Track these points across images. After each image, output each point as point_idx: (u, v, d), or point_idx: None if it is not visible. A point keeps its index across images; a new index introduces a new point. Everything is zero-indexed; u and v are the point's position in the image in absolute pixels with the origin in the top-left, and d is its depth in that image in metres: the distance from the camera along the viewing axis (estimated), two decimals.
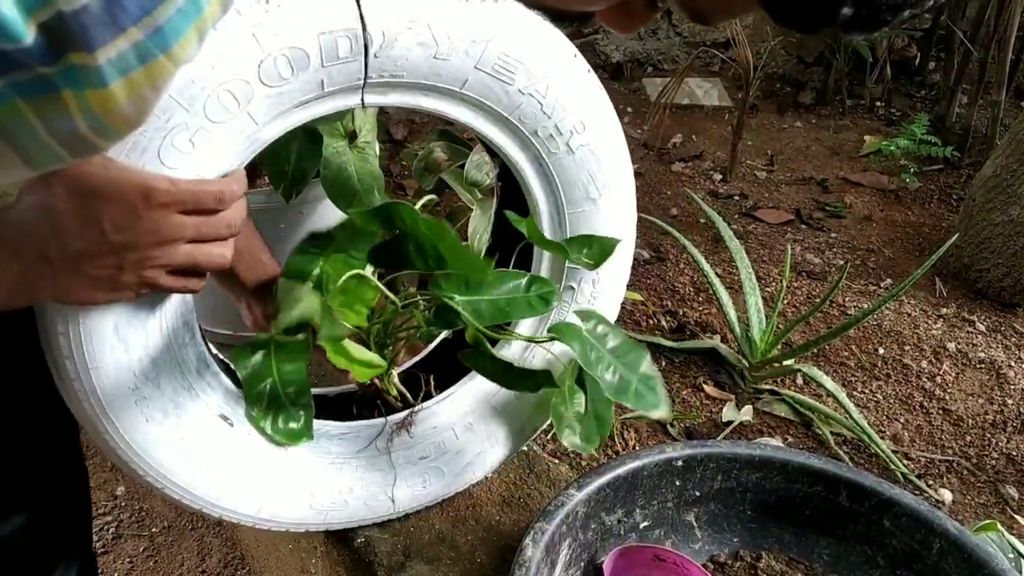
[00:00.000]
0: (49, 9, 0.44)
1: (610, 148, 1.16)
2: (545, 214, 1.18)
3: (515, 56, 1.03)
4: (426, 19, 0.96)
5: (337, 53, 0.92)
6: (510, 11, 1.03)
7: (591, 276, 1.23)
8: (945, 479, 1.62)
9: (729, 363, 1.82)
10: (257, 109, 0.91)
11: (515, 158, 1.13)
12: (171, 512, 1.77)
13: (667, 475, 1.18)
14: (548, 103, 1.08)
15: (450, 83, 1.02)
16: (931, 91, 3.37)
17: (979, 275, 2.12)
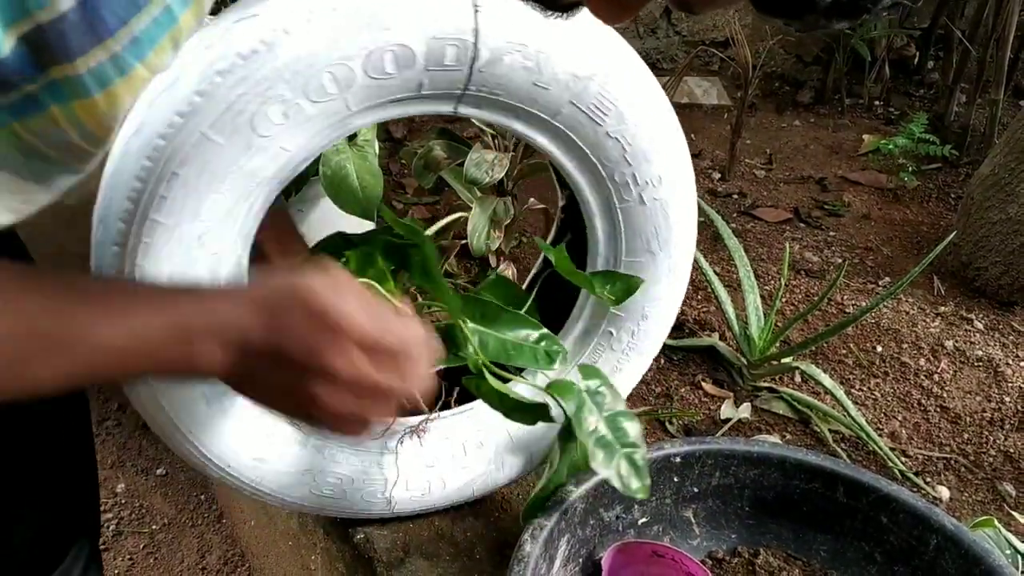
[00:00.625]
0: (28, 21, 0.45)
1: (681, 207, 1.17)
2: (601, 256, 1.20)
3: (611, 98, 1.04)
4: (536, 45, 0.97)
5: (443, 60, 0.94)
6: (617, 53, 1.04)
7: (631, 326, 1.24)
8: (943, 476, 1.62)
9: (728, 361, 1.82)
10: (354, 97, 0.92)
11: (587, 197, 1.14)
12: (171, 509, 1.77)
13: (665, 471, 1.19)
14: (632, 151, 1.09)
15: (544, 111, 1.03)
16: (930, 90, 3.38)
17: (977, 273, 2.13)
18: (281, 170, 0.93)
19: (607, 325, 1.25)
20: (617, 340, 1.26)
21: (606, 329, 1.25)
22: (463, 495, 1.25)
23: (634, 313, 1.24)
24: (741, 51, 2.66)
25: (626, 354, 1.28)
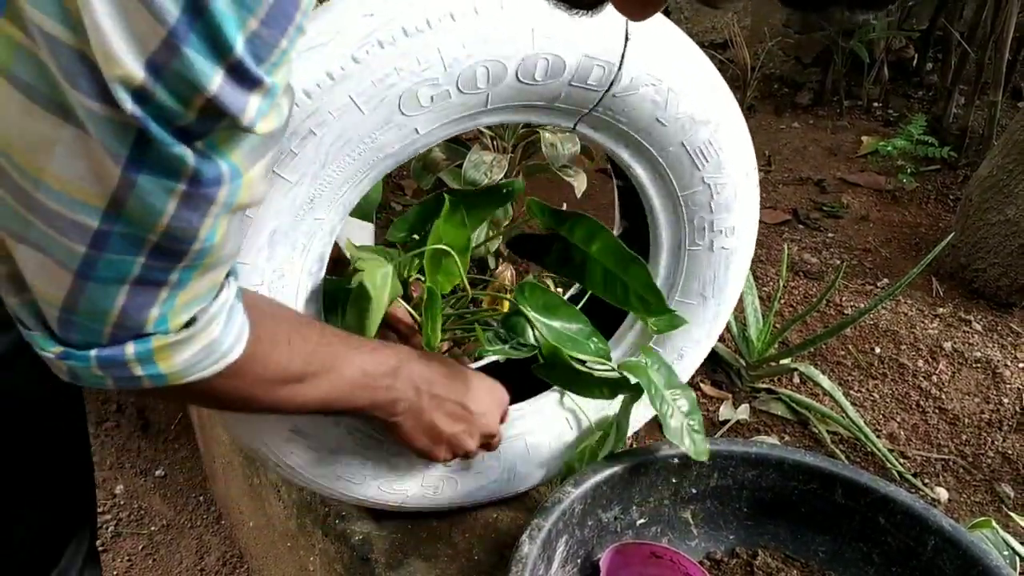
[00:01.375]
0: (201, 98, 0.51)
1: (742, 260, 1.21)
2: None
3: (717, 147, 1.08)
4: (669, 83, 1.00)
5: (588, 78, 0.97)
6: (729, 105, 1.09)
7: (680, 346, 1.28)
8: (941, 477, 1.62)
9: (726, 362, 1.82)
10: (497, 95, 0.94)
11: (661, 235, 1.19)
12: (170, 511, 1.77)
13: (664, 472, 1.19)
14: (718, 200, 1.13)
15: (654, 146, 1.07)
16: (928, 92, 3.38)
17: (975, 275, 2.13)
18: (405, 150, 0.94)
19: None
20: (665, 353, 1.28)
21: None
22: (472, 499, 1.26)
23: (672, 352, 1.26)
24: (740, 53, 2.67)
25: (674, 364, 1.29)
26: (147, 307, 0.60)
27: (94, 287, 0.57)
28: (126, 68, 0.47)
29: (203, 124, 0.52)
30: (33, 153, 0.51)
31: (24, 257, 0.57)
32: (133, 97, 0.48)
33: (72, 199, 0.52)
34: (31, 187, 0.52)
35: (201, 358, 0.66)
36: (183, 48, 0.48)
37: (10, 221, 0.55)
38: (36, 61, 0.48)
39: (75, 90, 0.47)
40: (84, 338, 0.61)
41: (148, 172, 0.51)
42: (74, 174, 0.51)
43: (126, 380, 0.65)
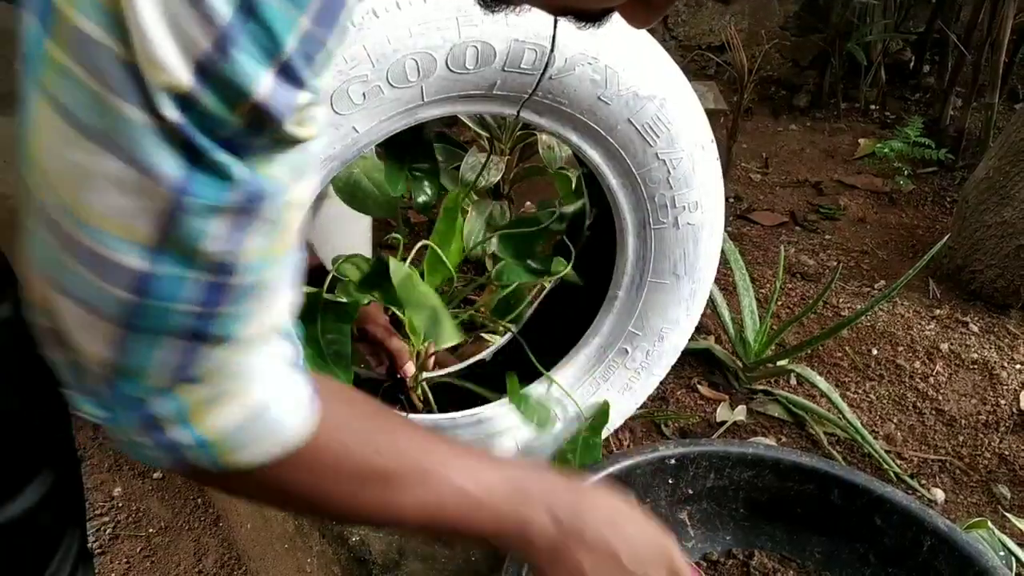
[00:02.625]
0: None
1: (711, 235, 1.21)
2: (628, 275, 1.22)
3: (665, 121, 1.08)
4: (606, 60, 1.00)
5: (520, 62, 0.97)
6: (675, 79, 1.07)
7: (647, 346, 1.28)
8: (938, 479, 1.63)
9: (723, 364, 1.83)
10: (431, 87, 0.94)
11: (624, 216, 1.18)
12: (168, 512, 1.77)
13: (660, 473, 1.19)
14: (675, 175, 1.13)
15: (601, 126, 1.06)
16: (925, 94, 3.39)
17: (972, 276, 2.13)
18: (347, 150, 0.95)
19: (623, 342, 1.27)
20: (631, 359, 1.28)
21: (622, 347, 1.27)
22: None
23: (651, 334, 1.26)
24: (737, 55, 2.67)
25: (638, 373, 1.30)
26: (191, 362, 0.58)
27: (137, 340, 0.55)
28: (173, 74, 0.46)
29: (248, 133, 0.50)
30: (77, 189, 0.49)
31: (65, 309, 0.55)
32: (178, 104, 0.47)
33: (116, 238, 0.50)
34: (74, 228, 0.50)
35: (249, 426, 0.62)
36: (233, 50, 0.46)
37: (52, 267, 0.53)
38: (80, 84, 0.46)
39: (121, 99, 0.46)
40: (127, 400, 0.59)
41: (196, 189, 0.50)
42: (119, 210, 0.50)
43: (170, 447, 0.61)
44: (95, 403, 0.60)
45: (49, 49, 0.46)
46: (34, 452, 0.98)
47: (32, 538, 0.99)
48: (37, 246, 0.53)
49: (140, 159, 0.48)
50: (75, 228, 0.50)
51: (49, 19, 0.45)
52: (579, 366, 1.28)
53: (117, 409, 0.60)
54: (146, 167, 0.48)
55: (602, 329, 1.27)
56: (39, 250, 0.53)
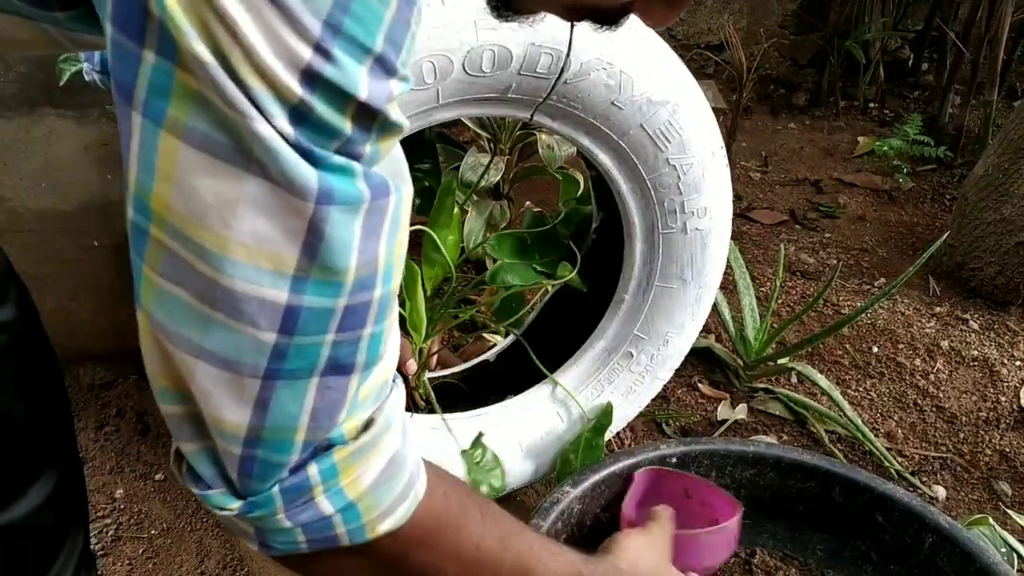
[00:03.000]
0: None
1: (718, 240, 1.21)
2: (635, 279, 1.23)
3: (677, 127, 1.09)
4: (621, 66, 1.01)
5: (536, 66, 0.97)
6: (688, 86, 1.08)
7: (652, 350, 1.28)
8: (939, 476, 1.63)
9: (724, 362, 1.83)
10: (447, 89, 0.94)
11: (633, 220, 1.18)
12: (170, 514, 1.77)
13: None
14: (685, 181, 1.14)
15: (613, 130, 1.07)
16: (924, 92, 3.39)
17: (972, 274, 2.13)
18: None
19: (628, 346, 1.27)
20: (636, 362, 1.28)
21: (627, 350, 1.27)
22: None
23: (656, 338, 1.27)
24: (736, 54, 2.67)
25: (642, 377, 1.30)
26: (337, 406, 0.56)
27: (283, 390, 0.53)
28: (285, 86, 0.46)
29: (358, 136, 0.50)
30: (216, 222, 0.48)
31: (202, 376, 0.52)
32: (293, 117, 0.47)
33: (260, 269, 0.49)
34: (214, 271, 0.49)
35: (389, 479, 0.60)
36: (334, 53, 0.46)
37: (188, 327, 0.51)
38: (211, 107, 0.46)
39: (253, 120, 0.46)
40: (266, 474, 0.56)
41: (332, 192, 0.49)
42: (262, 235, 0.49)
43: (317, 529, 0.59)
44: (230, 494, 0.58)
45: (179, 78, 0.45)
46: (36, 454, 0.98)
47: (35, 540, 0.99)
48: (166, 310, 0.51)
49: (278, 172, 0.47)
50: (215, 269, 0.49)
51: (171, 48, 0.45)
52: (583, 369, 1.28)
53: (257, 490, 0.57)
54: (286, 180, 0.47)
55: (607, 332, 1.27)
56: (169, 314, 0.51)
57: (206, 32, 0.44)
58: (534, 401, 1.27)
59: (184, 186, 0.47)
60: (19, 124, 1.79)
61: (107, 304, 2.19)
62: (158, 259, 0.50)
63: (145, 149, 0.47)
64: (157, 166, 0.47)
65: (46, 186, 1.93)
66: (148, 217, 0.49)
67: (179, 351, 0.52)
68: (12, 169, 1.82)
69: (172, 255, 0.49)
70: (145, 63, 0.46)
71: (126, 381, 1.98)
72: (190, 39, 0.44)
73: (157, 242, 0.50)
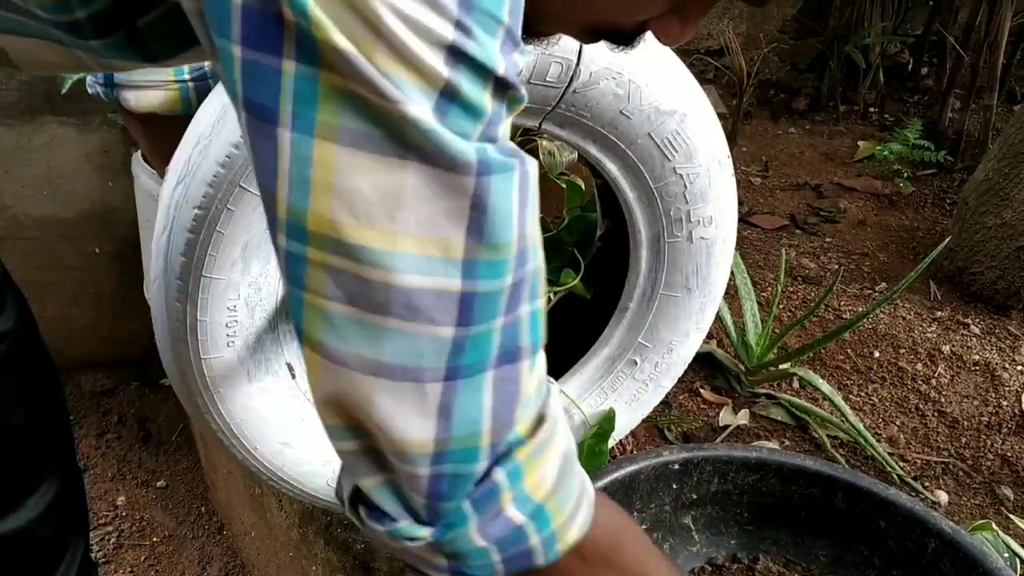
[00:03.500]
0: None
1: (723, 249, 1.22)
2: (639, 288, 1.23)
3: (685, 137, 1.09)
4: (630, 75, 1.01)
5: (546, 75, 0.97)
6: (695, 95, 1.08)
7: (656, 358, 1.29)
8: (941, 481, 1.63)
9: (725, 367, 1.83)
10: None
11: (639, 228, 1.19)
12: (172, 521, 1.78)
13: (664, 478, 1.19)
14: (692, 190, 1.14)
15: (621, 139, 1.07)
16: (924, 96, 3.39)
17: (973, 278, 2.13)
18: None
19: (632, 354, 1.27)
20: (640, 370, 1.28)
21: (631, 358, 1.27)
22: None
23: (660, 346, 1.27)
24: (736, 59, 2.68)
25: (646, 385, 1.30)
26: (513, 400, 0.55)
27: (464, 391, 0.52)
28: (433, 72, 0.46)
29: (495, 114, 0.50)
30: (382, 218, 0.48)
31: (383, 397, 0.51)
32: (439, 101, 0.47)
33: (431, 259, 0.49)
34: (384, 272, 0.48)
35: (565, 475, 0.59)
36: (473, 30, 0.46)
37: (363, 345, 0.50)
38: (359, 102, 0.46)
39: (405, 104, 0.46)
40: (457, 489, 0.55)
41: (489, 162, 0.49)
42: (428, 222, 0.48)
43: (512, 544, 0.57)
44: (417, 522, 0.57)
45: (324, 79, 0.45)
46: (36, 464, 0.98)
47: (35, 549, 1.00)
48: (338, 334, 0.51)
49: (436, 152, 0.47)
50: (386, 270, 0.49)
51: (312, 50, 0.45)
52: (587, 376, 1.28)
53: (447, 511, 0.56)
54: (446, 159, 0.47)
55: (611, 340, 1.28)
56: (341, 337, 0.51)
57: (346, 25, 0.44)
58: None
59: (344, 191, 0.47)
60: (21, 132, 1.80)
61: (108, 311, 2.19)
62: (322, 282, 0.49)
63: (297, 165, 0.47)
64: (313, 179, 0.47)
65: (47, 193, 1.94)
66: (305, 241, 0.48)
67: (356, 375, 0.51)
68: (14, 176, 1.83)
69: (336, 273, 0.49)
70: (286, 75, 0.45)
71: (127, 388, 1.99)
72: (331, 33, 0.44)
73: (318, 265, 0.49)
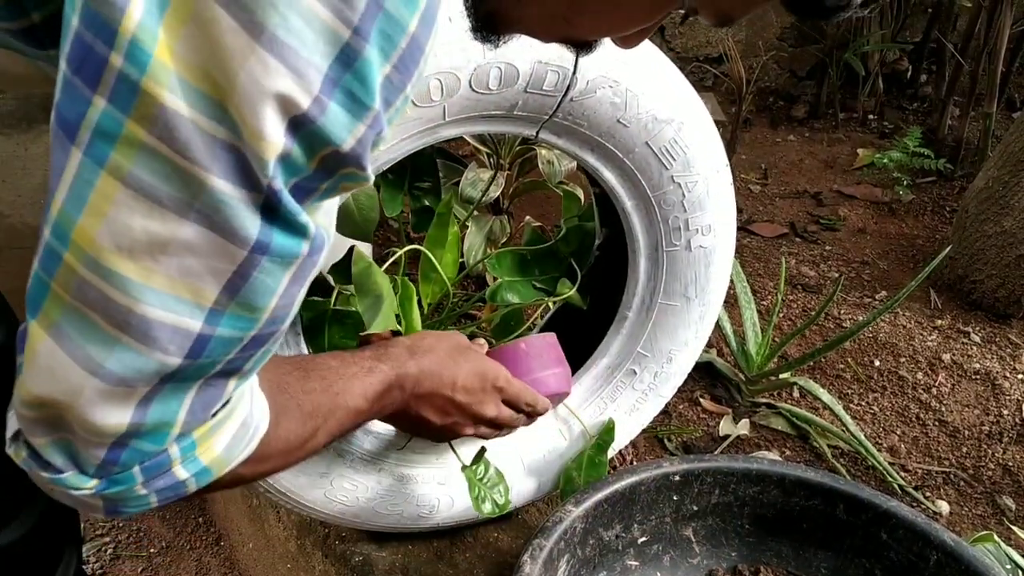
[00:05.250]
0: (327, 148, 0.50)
1: (722, 257, 1.21)
2: (638, 296, 1.22)
3: (683, 145, 1.08)
4: (627, 84, 1.01)
5: (543, 84, 0.97)
6: (693, 103, 1.08)
7: (655, 367, 1.28)
8: (942, 490, 1.62)
9: (726, 377, 1.82)
10: (453, 106, 0.94)
11: (637, 237, 1.18)
12: (169, 532, 1.77)
13: (665, 490, 1.19)
14: (690, 198, 1.13)
15: (619, 148, 1.07)
16: (923, 103, 3.39)
17: (973, 286, 2.13)
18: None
19: (632, 363, 1.26)
20: (639, 380, 1.28)
21: (630, 367, 1.27)
22: (468, 516, 1.25)
23: (660, 355, 1.26)
24: (735, 67, 2.68)
25: (645, 395, 1.29)
26: (215, 401, 0.59)
27: (170, 393, 0.55)
28: (274, 140, 0.47)
29: (315, 177, 0.51)
30: (144, 257, 0.49)
31: (92, 393, 0.54)
32: (274, 164, 0.48)
33: (180, 300, 0.51)
34: (131, 300, 0.50)
35: (237, 440, 0.64)
36: (330, 106, 0.47)
37: (94, 345, 0.52)
38: (161, 161, 0.47)
39: (210, 176, 0.47)
40: (132, 460, 0.59)
41: (275, 247, 0.51)
42: (190, 271, 0.50)
43: (170, 490, 0.62)
44: (83, 474, 0.59)
45: (130, 128, 0.46)
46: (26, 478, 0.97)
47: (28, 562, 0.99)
48: (74, 327, 0.52)
49: (221, 222, 0.49)
50: (133, 299, 0.50)
51: (131, 100, 0.46)
52: (586, 387, 1.27)
53: (115, 474, 0.59)
54: (226, 229, 0.49)
55: (610, 350, 1.27)
56: (77, 330, 0.52)
57: (186, 91, 0.45)
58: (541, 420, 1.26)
59: (116, 223, 0.49)
60: (18, 141, 1.80)
61: None
62: (70, 283, 0.51)
63: (80, 183, 0.48)
64: (90, 202, 0.48)
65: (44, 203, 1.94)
66: (66, 245, 0.50)
67: (76, 367, 0.53)
68: (11, 186, 1.82)
69: (85, 283, 0.51)
70: (95, 108, 0.47)
71: None
72: (163, 91, 0.45)
73: (70, 269, 0.51)
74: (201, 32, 0.44)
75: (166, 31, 0.44)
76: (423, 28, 0.50)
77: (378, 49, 0.48)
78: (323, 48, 0.46)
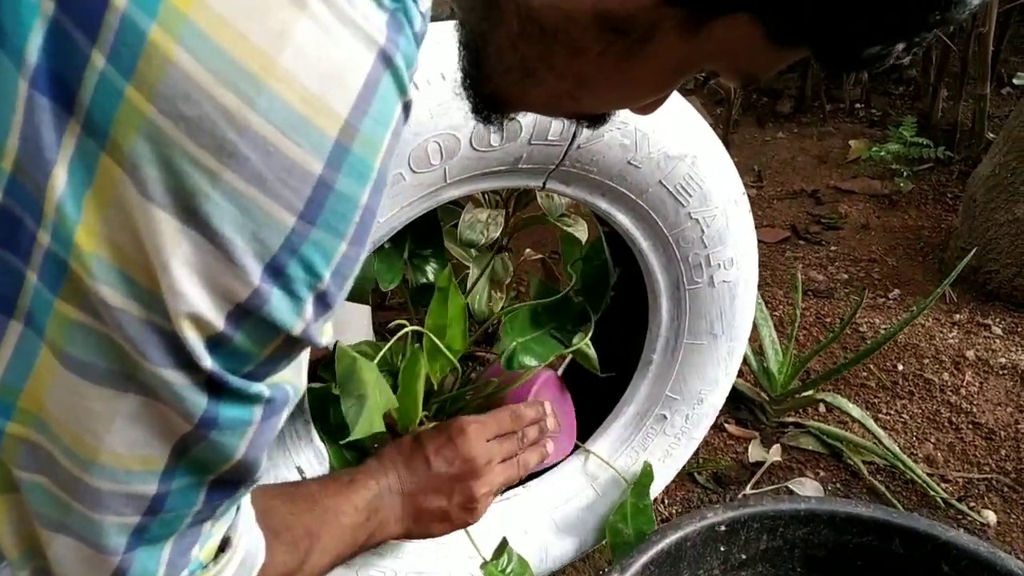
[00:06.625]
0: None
1: (746, 291, 1.16)
2: (662, 338, 1.17)
3: (698, 180, 1.03)
4: (636, 123, 0.95)
5: (548, 135, 0.91)
6: (705, 136, 1.02)
7: (686, 410, 1.23)
8: (986, 499, 1.56)
9: (748, 398, 1.76)
10: (454, 168, 0.89)
11: (656, 278, 1.13)
12: None
13: (711, 542, 1.12)
14: (709, 233, 1.08)
15: (631, 190, 1.01)
16: (909, 87, 3.35)
17: (988, 277, 2.07)
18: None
19: (661, 408, 1.21)
20: (671, 424, 1.22)
21: (659, 413, 1.21)
22: None
23: (690, 397, 1.20)
24: None
25: (678, 439, 1.24)
26: (192, 546, 0.55)
27: (143, 554, 0.52)
28: (209, 324, 0.43)
29: (271, 361, 0.48)
30: (87, 433, 0.46)
31: (61, 549, 0.51)
32: (208, 347, 0.44)
33: (130, 471, 0.48)
34: (79, 471, 0.47)
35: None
36: (272, 291, 0.44)
37: (48, 509, 0.50)
38: (94, 336, 0.44)
39: (146, 361, 0.44)
40: None
41: (222, 420, 0.47)
42: (135, 443, 0.47)
43: None
44: None
45: (59, 307, 0.43)
46: None
47: None
48: (27, 493, 0.49)
49: (166, 398, 0.45)
50: (82, 472, 0.47)
51: (59, 281, 0.43)
52: (615, 436, 1.21)
53: None
54: (172, 403, 0.45)
55: (637, 396, 1.21)
56: (29, 494, 0.49)
57: (113, 276, 0.42)
58: (565, 475, 1.20)
59: (54, 396, 0.46)
60: None
61: None
62: (16, 452, 0.48)
63: (20, 355, 0.45)
64: (34, 372, 0.45)
65: None
66: (9, 416, 0.47)
67: (38, 524, 0.50)
68: None
69: (34, 447, 0.47)
70: (28, 282, 0.43)
71: None
72: (93, 281, 0.42)
73: (17, 438, 0.47)
74: (125, 216, 0.40)
75: (88, 211, 0.40)
76: (375, 196, 0.46)
77: (329, 230, 0.44)
78: (264, 235, 0.42)
